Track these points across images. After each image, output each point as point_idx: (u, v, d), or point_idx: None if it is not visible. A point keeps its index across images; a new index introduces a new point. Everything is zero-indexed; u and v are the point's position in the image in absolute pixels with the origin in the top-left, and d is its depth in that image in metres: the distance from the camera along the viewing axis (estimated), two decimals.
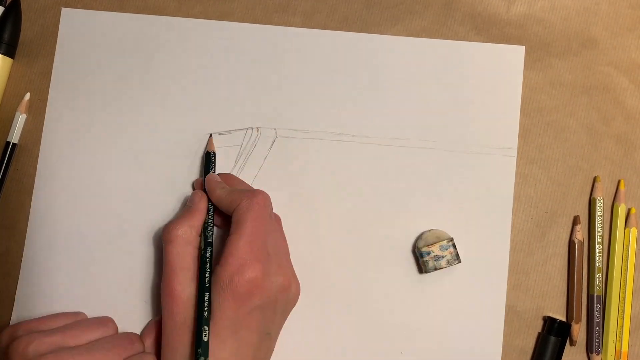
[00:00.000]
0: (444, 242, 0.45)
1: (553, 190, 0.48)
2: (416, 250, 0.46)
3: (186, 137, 0.49)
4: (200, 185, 0.46)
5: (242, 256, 0.40)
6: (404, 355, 0.46)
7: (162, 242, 0.43)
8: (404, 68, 0.49)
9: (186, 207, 0.45)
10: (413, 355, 0.46)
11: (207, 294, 0.40)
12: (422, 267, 0.46)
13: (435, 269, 0.45)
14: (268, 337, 0.42)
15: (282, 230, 0.46)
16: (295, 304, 0.45)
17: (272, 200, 0.45)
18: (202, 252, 0.42)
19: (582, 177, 0.48)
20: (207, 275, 0.41)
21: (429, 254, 0.45)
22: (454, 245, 0.45)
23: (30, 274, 0.48)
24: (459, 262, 0.45)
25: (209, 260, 0.42)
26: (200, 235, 0.44)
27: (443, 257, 0.45)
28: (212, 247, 0.43)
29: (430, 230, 0.46)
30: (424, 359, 0.46)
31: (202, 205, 0.44)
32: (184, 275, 0.42)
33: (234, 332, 0.40)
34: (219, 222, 0.46)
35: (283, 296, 0.42)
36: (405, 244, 0.47)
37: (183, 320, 0.41)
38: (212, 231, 0.44)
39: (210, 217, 0.44)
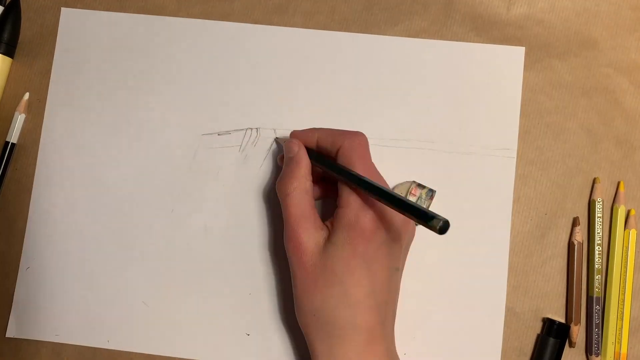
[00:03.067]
0: (412, 189, 0.45)
1: (553, 192, 0.48)
2: None
3: (186, 137, 0.49)
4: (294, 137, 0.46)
5: (360, 195, 0.41)
6: (406, 357, 0.46)
7: (279, 197, 0.43)
8: (403, 69, 0.49)
9: (287, 159, 0.44)
10: (415, 356, 0.46)
11: None
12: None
13: None
14: (396, 272, 0.43)
15: (379, 173, 0.45)
16: (413, 238, 0.44)
17: (272, 201, 0.44)
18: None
19: (581, 178, 0.48)
20: None
21: None
22: (418, 185, 0.46)
23: (29, 273, 0.48)
24: (434, 191, 0.46)
25: None
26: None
27: (420, 198, 0.45)
28: None
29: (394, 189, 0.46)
30: None
31: (302, 152, 0.44)
32: (307, 224, 0.42)
33: (367, 268, 0.40)
34: (317, 194, 0.46)
35: (405, 230, 0.42)
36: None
37: (313, 268, 0.41)
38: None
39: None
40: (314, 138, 0.44)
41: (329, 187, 0.45)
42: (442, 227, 0.35)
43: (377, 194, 0.39)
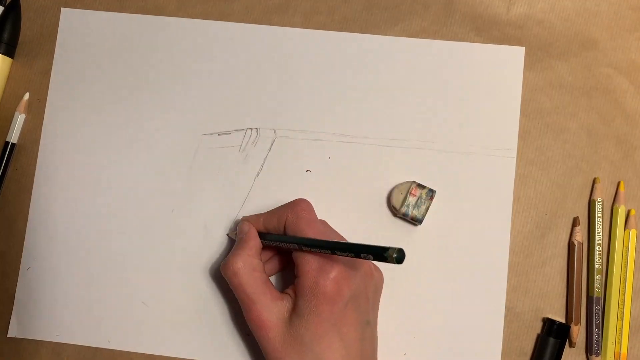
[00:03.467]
0: (412, 189, 0.46)
1: (553, 192, 0.47)
2: (400, 215, 0.46)
3: (185, 137, 0.49)
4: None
5: (316, 260, 0.40)
6: (406, 357, 0.46)
7: (226, 280, 0.43)
8: (403, 69, 0.49)
9: (237, 239, 0.45)
10: (415, 357, 0.46)
11: None
12: (415, 222, 0.46)
13: (427, 210, 0.46)
14: (369, 326, 0.42)
15: (332, 228, 0.46)
16: (382, 288, 0.45)
17: (271, 201, 0.45)
18: None
19: (581, 178, 0.48)
20: None
21: (408, 206, 0.45)
22: (418, 185, 0.46)
23: (29, 273, 0.48)
24: (434, 191, 0.46)
25: None
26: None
27: (420, 198, 0.45)
28: None
29: (392, 191, 0.47)
30: None
31: (251, 232, 0.44)
32: (264, 300, 0.42)
33: (337, 331, 0.40)
34: (275, 269, 0.46)
35: (370, 281, 0.42)
36: (405, 244, 0.47)
37: (281, 342, 0.41)
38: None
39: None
40: (259, 222, 0.44)
41: (286, 259, 0.45)
42: (397, 257, 0.35)
43: (328, 248, 0.39)
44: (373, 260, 0.36)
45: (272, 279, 0.47)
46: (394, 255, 0.35)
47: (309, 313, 0.40)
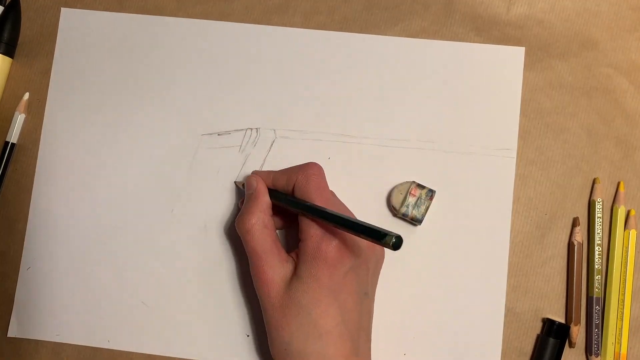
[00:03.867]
0: (412, 189, 0.46)
1: (553, 192, 0.47)
2: (399, 215, 0.46)
3: (185, 137, 0.49)
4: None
5: (320, 226, 0.41)
6: (406, 357, 0.46)
7: (239, 234, 0.44)
8: (403, 69, 0.49)
9: (247, 195, 0.45)
10: (415, 357, 0.46)
11: None
12: (414, 222, 0.46)
13: (427, 210, 0.46)
14: (367, 297, 0.43)
15: (340, 200, 0.46)
16: (383, 262, 0.45)
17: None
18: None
19: (581, 178, 0.48)
20: None
21: (408, 206, 0.45)
22: (418, 186, 0.46)
23: (29, 273, 0.48)
24: (433, 191, 0.46)
25: None
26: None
27: (419, 198, 0.45)
28: None
29: (392, 191, 0.47)
30: None
31: (261, 186, 0.44)
32: (271, 259, 0.42)
33: (334, 298, 0.40)
34: (279, 225, 0.46)
35: (372, 254, 0.43)
36: (405, 244, 0.47)
37: (280, 302, 0.41)
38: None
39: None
40: (269, 179, 0.45)
41: (291, 218, 0.45)
42: (394, 243, 0.36)
43: (331, 220, 0.40)
44: (372, 241, 0.37)
45: None
46: (392, 242, 0.36)
47: (309, 276, 0.40)
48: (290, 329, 0.40)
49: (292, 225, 0.45)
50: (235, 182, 0.48)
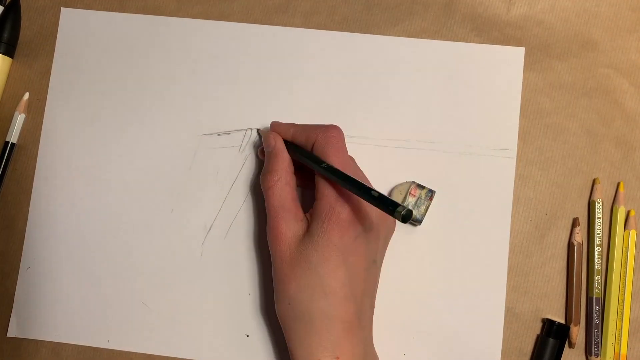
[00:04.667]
0: (412, 189, 0.46)
1: (552, 192, 0.48)
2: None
3: (186, 137, 0.49)
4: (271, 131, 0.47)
5: (336, 188, 0.41)
6: (406, 357, 0.46)
7: (262, 190, 0.44)
8: (403, 69, 0.49)
9: (266, 152, 0.45)
10: (415, 357, 0.46)
11: None
12: (414, 223, 0.46)
13: (426, 210, 0.46)
14: (374, 265, 0.43)
15: (358, 166, 0.46)
16: (393, 233, 0.45)
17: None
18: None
19: (581, 179, 0.48)
20: None
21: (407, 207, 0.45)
22: (418, 186, 0.46)
23: (29, 273, 0.48)
24: (433, 191, 0.46)
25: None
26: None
27: (419, 199, 0.46)
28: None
29: (392, 191, 0.47)
30: None
31: (279, 144, 0.45)
32: (287, 215, 0.43)
33: (343, 260, 0.40)
34: (298, 182, 0.46)
35: (383, 223, 0.43)
36: (405, 244, 0.47)
37: (290, 257, 0.42)
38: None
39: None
40: (289, 133, 0.45)
41: (310, 177, 0.46)
42: (404, 215, 0.36)
43: (344, 181, 0.40)
44: (383, 210, 0.38)
45: None
46: (403, 213, 0.36)
47: (320, 235, 0.41)
48: (297, 283, 0.41)
49: (310, 185, 0.45)
50: (257, 130, 0.48)
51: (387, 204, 0.37)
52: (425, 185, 0.46)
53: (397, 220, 0.44)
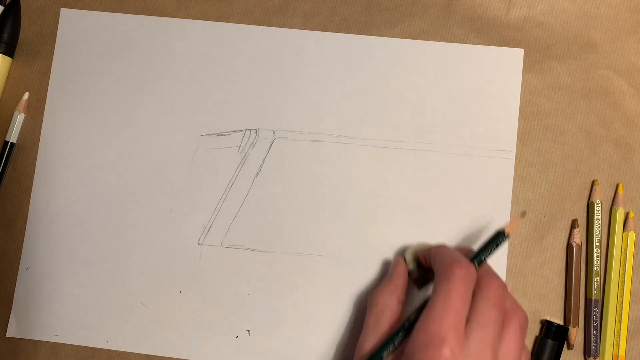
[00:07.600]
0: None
1: (551, 194, 0.48)
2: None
3: (184, 138, 0.49)
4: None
5: (429, 330, 0.36)
6: None
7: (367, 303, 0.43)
8: (403, 70, 0.49)
9: (389, 272, 0.45)
10: None
11: None
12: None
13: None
14: None
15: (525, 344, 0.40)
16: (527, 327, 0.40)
17: (269, 202, 0.44)
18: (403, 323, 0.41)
19: (580, 180, 0.48)
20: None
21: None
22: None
23: (28, 273, 0.48)
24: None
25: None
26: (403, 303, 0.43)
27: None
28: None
29: (410, 247, 0.46)
30: None
31: (399, 269, 0.44)
32: (374, 338, 0.41)
33: None
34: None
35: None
36: (404, 246, 0.47)
37: None
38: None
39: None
40: (427, 253, 0.43)
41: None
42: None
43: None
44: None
45: None
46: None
47: None
48: None
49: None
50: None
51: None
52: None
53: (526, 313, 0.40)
